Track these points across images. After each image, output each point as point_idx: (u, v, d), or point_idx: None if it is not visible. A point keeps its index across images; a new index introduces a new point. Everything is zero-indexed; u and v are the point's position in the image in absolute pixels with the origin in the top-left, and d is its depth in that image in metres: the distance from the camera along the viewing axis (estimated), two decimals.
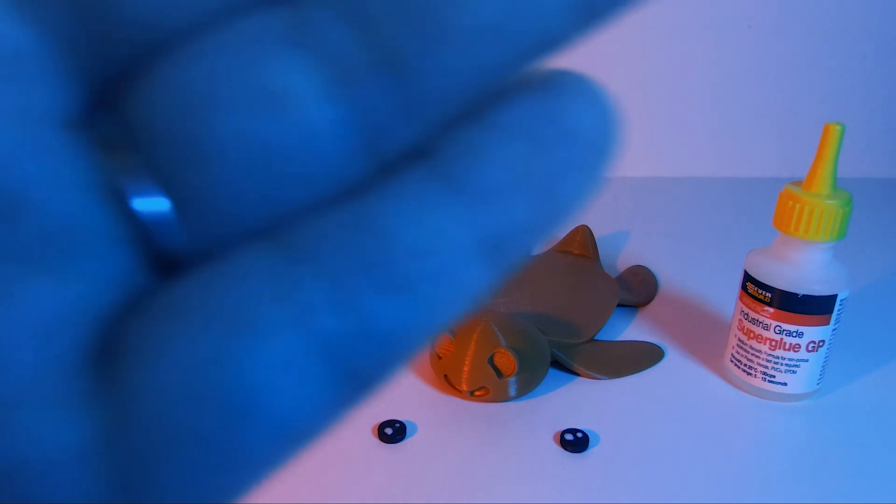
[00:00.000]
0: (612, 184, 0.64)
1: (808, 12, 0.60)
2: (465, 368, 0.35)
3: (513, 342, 0.36)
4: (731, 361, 0.38)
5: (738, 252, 0.53)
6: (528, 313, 0.41)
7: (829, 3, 0.60)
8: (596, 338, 0.42)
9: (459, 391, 0.36)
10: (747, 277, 0.36)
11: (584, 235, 0.50)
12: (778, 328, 0.35)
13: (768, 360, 0.36)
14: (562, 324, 0.41)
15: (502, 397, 0.36)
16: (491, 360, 0.35)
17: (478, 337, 0.36)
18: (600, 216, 0.57)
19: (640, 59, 0.62)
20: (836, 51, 0.62)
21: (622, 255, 0.52)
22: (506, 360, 0.35)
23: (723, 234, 0.56)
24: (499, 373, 0.35)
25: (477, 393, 0.36)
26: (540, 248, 0.53)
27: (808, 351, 0.35)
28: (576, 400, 0.37)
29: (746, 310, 0.36)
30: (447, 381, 0.36)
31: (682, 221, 0.58)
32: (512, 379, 0.36)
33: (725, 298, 0.46)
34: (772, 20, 0.61)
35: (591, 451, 0.33)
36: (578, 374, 0.39)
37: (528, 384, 0.37)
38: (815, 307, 0.34)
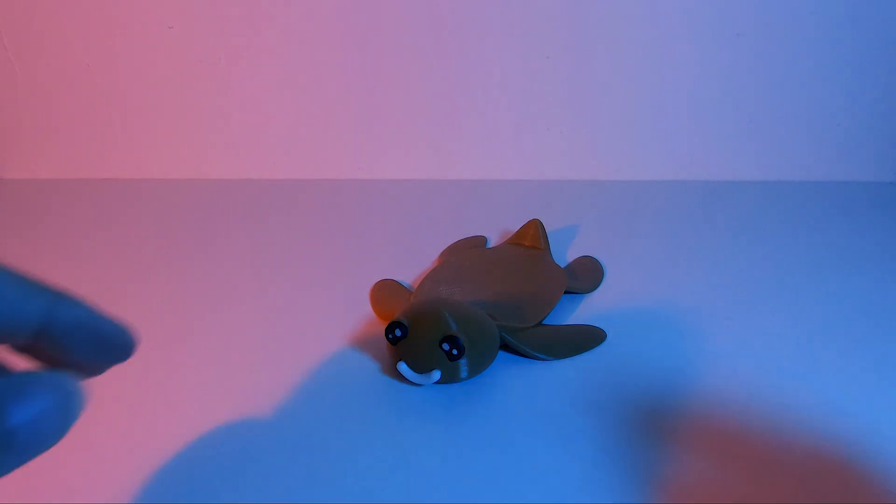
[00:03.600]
0: (566, 185, 0.68)
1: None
2: (420, 352, 0.38)
3: (463, 327, 0.39)
4: None
5: (681, 247, 0.57)
6: (479, 301, 0.44)
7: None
8: (543, 322, 0.45)
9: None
10: None
11: (536, 229, 0.53)
12: None
13: None
14: (511, 310, 0.44)
15: (454, 379, 0.39)
16: (442, 344, 0.38)
17: (430, 323, 0.39)
18: (553, 212, 0.60)
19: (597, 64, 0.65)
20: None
21: (572, 247, 0.55)
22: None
23: (667, 231, 0.59)
24: (450, 356, 0.38)
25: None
26: (495, 242, 0.56)
27: None
28: (523, 380, 0.40)
29: None
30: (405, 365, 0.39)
31: (629, 219, 0.62)
32: (463, 361, 0.39)
33: (666, 286, 0.50)
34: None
35: (539, 427, 0.36)
36: (525, 356, 0.42)
37: (478, 366, 0.40)
38: None
